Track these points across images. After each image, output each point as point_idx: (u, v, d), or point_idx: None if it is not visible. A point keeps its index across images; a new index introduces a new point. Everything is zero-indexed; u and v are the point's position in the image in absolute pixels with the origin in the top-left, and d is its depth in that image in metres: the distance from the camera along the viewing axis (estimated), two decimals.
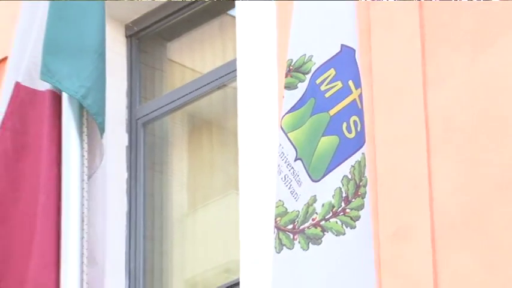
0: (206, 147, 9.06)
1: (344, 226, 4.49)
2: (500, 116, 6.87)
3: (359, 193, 4.59)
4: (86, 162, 5.30)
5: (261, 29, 8.35)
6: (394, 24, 7.86)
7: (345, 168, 4.65)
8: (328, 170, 4.66)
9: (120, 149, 8.47)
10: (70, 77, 5.35)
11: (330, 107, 4.75)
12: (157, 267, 8.79)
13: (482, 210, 6.59)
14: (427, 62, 7.70)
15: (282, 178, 4.63)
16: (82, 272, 5.04)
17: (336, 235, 4.45)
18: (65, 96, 5.26)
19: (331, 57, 4.89)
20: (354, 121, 4.74)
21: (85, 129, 5.32)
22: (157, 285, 8.82)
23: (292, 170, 4.68)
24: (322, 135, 4.70)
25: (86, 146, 5.33)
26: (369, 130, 6.50)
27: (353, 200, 4.56)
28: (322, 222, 4.51)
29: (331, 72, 4.79)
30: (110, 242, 6.34)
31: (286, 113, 4.73)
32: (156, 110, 8.68)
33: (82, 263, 5.05)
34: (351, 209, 4.57)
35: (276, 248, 4.48)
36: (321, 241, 4.48)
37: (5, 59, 8.12)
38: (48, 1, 5.74)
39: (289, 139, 4.77)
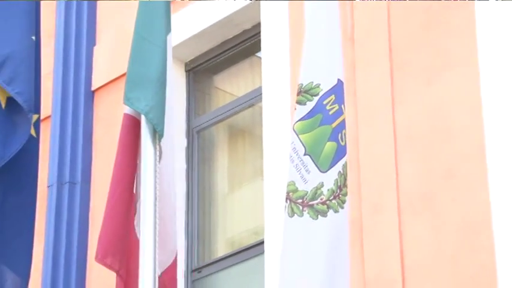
0: (240, 148, 9.21)
1: (339, 206, 4.79)
2: (447, 126, 7.13)
3: (346, 184, 4.90)
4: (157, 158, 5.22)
5: (278, 66, 8.34)
6: (372, 61, 7.84)
7: (339, 166, 4.92)
8: (331, 165, 4.88)
9: (180, 149, 8.69)
10: (139, 100, 5.23)
11: (332, 121, 4.98)
12: (206, 231, 8.82)
13: (433, 193, 6.85)
14: (395, 87, 7.83)
15: (294, 166, 4.86)
16: (155, 235, 4.96)
17: (335, 212, 4.76)
18: (142, 117, 5.25)
19: (332, 87, 5.08)
20: (344, 133, 5.03)
21: (157, 137, 5.26)
22: (206, 243, 8.84)
23: (301, 161, 4.87)
24: (328, 141, 4.93)
25: (158, 147, 5.19)
26: (355, 136, 7.18)
27: (343, 188, 4.85)
28: (328, 202, 4.78)
29: (332, 97, 5.03)
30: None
31: (298, 120, 5.00)
32: (206, 122, 9.08)
33: (155, 228, 4.95)
34: (342, 195, 4.86)
35: (288, 213, 4.75)
36: (327, 215, 4.76)
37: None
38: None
39: (299, 139, 4.93)
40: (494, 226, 6.42)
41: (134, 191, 5.26)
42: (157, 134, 5.12)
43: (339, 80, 5.04)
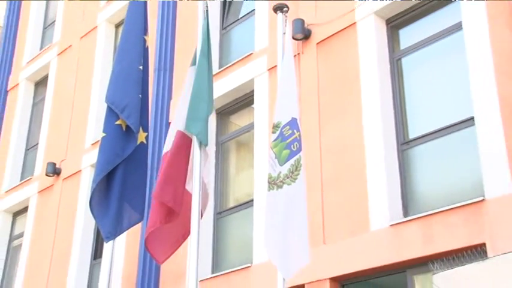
0: (248, 155, 11.23)
1: (292, 182, 6.32)
2: (348, 144, 9.18)
3: (298, 170, 6.35)
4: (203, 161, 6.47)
5: (265, 113, 10.35)
6: (310, 106, 9.77)
7: (291, 161, 6.41)
8: (286, 161, 6.43)
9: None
10: (195, 127, 6.44)
11: (287, 139, 6.55)
12: (224, 193, 11.01)
13: (336, 179, 9.05)
14: (321, 122, 9.65)
15: (270, 165, 6.51)
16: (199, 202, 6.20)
17: (288, 185, 6.32)
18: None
19: (288, 122, 6.62)
20: (296, 144, 6.46)
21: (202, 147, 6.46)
22: (223, 200, 11.00)
23: (273, 162, 6.51)
24: (284, 149, 6.50)
25: (202, 154, 6.42)
26: (316, 140, 9.37)
27: (295, 172, 6.33)
28: (283, 180, 6.36)
29: (288, 127, 6.58)
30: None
31: (272, 141, 6.60)
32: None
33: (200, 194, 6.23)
34: (294, 176, 6.28)
35: (268, 189, 6.44)
36: (283, 187, 6.30)
37: None
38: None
39: (273, 151, 6.56)
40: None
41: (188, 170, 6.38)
42: (202, 144, 6.43)
43: (292, 117, 6.63)
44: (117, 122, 6.18)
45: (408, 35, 9.28)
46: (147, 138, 6.38)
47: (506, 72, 7.67)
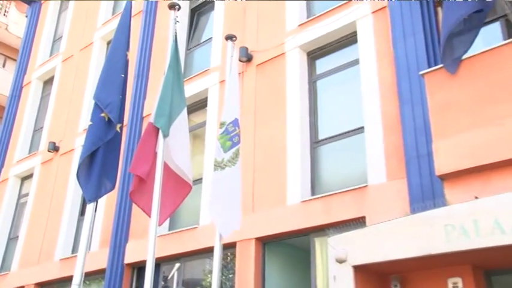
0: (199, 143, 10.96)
1: (232, 165, 6.47)
2: (276, 145, 9.14)
3: (237, 156, 6.55)
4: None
5: (215, 113, 10.22)
6: (248, 110, 9.63)
7: (233, 150, 6.52)
8: (228, 150, 6.56)
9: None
10: (160, 122, 6.42)
11: (230, 134, 6.68)
12: None
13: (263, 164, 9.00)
14: (256, 124, 9.59)
15: (216, 153, 6.58)
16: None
17: (229, 168, 6.44)
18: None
19: (231, 121, 6.77)
20: (236, 138, 6.61)
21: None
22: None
23: (219, 150, 6.62)
24: (228, 141, 6.62)
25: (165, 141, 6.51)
26: (252, 136, 9.19)
27: (235, 158, 6.50)
28: (226, 163, 6.48)
29: (231, 125, 6.73)
30: None
31: (219, 134, 6.71)
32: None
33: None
34: (233, 160, 6.43)
35: (214, 170, 6.52)
36: (225, 169, 6.36)
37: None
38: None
39: (219, 142, 6.68)
40: None
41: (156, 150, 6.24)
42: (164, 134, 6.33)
43: (235, 118, 6.79)
44: (102, 115, 6.17)
45: (322, 65, 9.37)
46: (121, 128, 6.34)
47: (387, 96, 7.87)
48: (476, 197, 5.66)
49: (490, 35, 7.31)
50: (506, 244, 5.11)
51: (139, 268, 10.45)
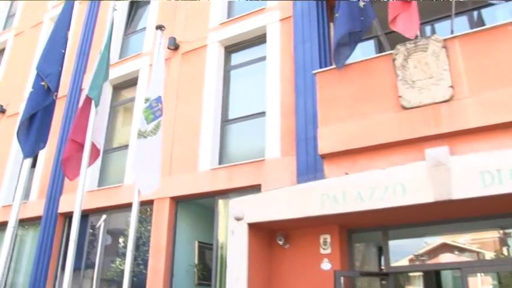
0: (125, 119, 10.63)
1: (153, 134, 6.32)
2: (192, 119, 8.81)
3: (159, 127, 6.36)
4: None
5: (141, 89, 9.77)
6: (171, 90, 9.27)
7: (155, 122, 6.41)
8: (151, 122, 6.41)
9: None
10: (94, 93, 6.55)
11: (153, 108, 6.57)
12: (112, 138, 10.32)
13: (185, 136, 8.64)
14: (178, 103, 9.18)
15: (141, 124, 6.39)
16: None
17: (151, 137, 6.34)
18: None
19: (155, 98, 6.73)
20: (159, 111, 6.43)
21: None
22: (111, 142, 10.25)
23: (142, 121, 6.44)
24: (150, 115, 6.56)
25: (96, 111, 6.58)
26: (173, 112, 8.59)
27: (156, 129, 6.33)
28: (148, 132, 6.32)
29: (154, 101, 6.64)
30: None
31: (144, 108, 6.63)
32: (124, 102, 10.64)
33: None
34: (155, 130, 6.28)
35: (137, 138, 6.27)
36: (147, 137, 6.31)
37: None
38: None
39: (143, 115, 6.63)
40: None
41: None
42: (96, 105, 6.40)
43: (159, 95, 6.66)
44: (42, 83, 5.96)
45: (236, 58, 9.21)
46: (56, 96, 6.14)
47: (286, 88, 7.85)
48: (346, 173, 5.89)
49: (366, 49, 7.71)
50: (364, 210, 5.40)
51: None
